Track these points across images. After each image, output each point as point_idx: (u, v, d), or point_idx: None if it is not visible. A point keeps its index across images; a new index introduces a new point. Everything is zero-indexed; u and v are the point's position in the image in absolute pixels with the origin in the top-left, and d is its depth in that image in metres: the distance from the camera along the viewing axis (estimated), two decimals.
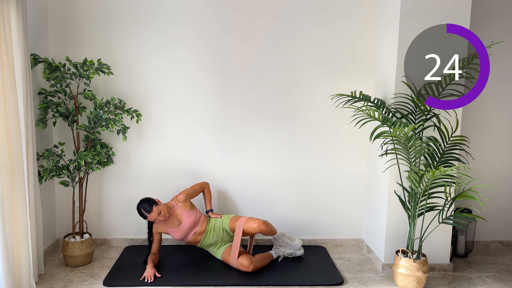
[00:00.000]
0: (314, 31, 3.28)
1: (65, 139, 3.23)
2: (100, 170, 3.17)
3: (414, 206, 2.72)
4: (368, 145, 3.38)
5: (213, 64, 3.28)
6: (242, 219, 2.99)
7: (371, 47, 3.31)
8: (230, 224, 3.01)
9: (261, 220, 2.94)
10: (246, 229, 2.93)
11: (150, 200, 2.88)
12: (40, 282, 2.74)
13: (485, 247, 3.55)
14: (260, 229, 2.91)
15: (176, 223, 2.98)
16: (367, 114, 2.69)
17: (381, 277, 2.94)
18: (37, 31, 3.02)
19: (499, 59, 3.32)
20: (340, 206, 3.50)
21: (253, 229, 2.92)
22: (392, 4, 2.93)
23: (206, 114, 3.34)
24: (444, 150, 2.76)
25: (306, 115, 3.38)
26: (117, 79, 3.24)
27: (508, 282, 2.90)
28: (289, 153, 3.42)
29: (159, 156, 3.35)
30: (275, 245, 3.20)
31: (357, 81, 3.34)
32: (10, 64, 2.38)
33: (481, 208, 3.37)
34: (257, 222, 2.92)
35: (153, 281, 2.75)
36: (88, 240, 3.01)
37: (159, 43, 3.23)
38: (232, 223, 3.00)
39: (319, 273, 2.93)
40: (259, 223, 2.92)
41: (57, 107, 2.90)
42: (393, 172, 2.94)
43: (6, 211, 2.38)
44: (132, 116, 3.07)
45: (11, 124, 2.40)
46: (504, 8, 3.33)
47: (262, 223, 2.92)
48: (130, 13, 3.20)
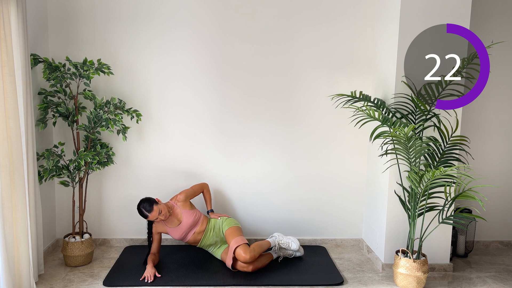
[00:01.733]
0: (314, 31, 3.28)
1: (65, 139, 3.23)
2: (100, 170, 3.17)
3: (414, 206, 2.72)
4: (368, 145, 3.38)
5: (213, 64, 3.28)
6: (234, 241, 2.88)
7: (371, 47, 3.31)
8: (226, 236, 2.99)
9: (250, 254, 2.81)
10: (237, 255, 2.83)
11: (150, 200, 2.88)
12: (40, 282, 2.74)
13: (485, 247, 3.55)
14: (247, 260, 2.80)
15: (176, 222, 2.98)
16: (367, 114, 2.69)
17: (381, 277, 2.94)
18: (37, 31, 3.02)
19: (499, 59, 3.32)
20: (340, 206, 3.50)
21: (241, 258, 2.80)
22: (392, 4, 2.93)
23: (206, 114, 3.34)
24: (444, 150, 2.76)
25: (306, 115, 3.38)
26: (117, 79, 3.24)
27: (508, 282, 2.90)
28: (289, 153, 3.42)
29: (159, 156, 3.35)
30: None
31: (357, 81, 3.34)
32: (10, 64, 2.38)
33: (481, 208, 3.37)
34: (248, 254, 2.78)
35: (153, 281, 2.75)
36: (88, 240, 3.01)
37: (159, 43, 3.23)
38: (227, 237, 2.96)
39: (319, 273, 2.92)
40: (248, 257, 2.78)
41: (57, 107, 2.90)
42: (393, 172, 2.94)
43: (6, 211, 2.38)
44: (132, 116, 3.07)
45: (11, 124, 2.40)
46: (504, 8, 3.33)
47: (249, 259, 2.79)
48: (130, 13, 3.20)
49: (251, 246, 2.88)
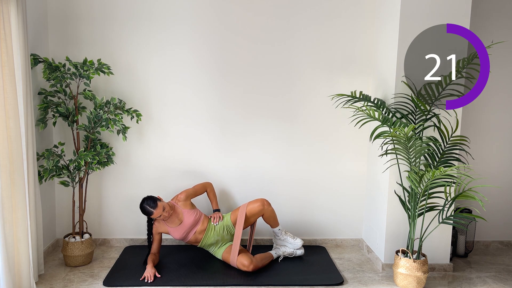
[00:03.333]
0: (314, 31, 3.28)
1: (65, 139, 3.23)
2: (100, 170, 3.16)
3: (414, 206, 2.72)
4: (368, 145, 3.38)
5: (213, 64, 3.28)
6: (243, 205, 3.02)
7: (371, 47, 3.31)
8: (232, 217, 3.02)
9: (262, 199, 2.98)
10: (249, 211, 2.94)
11: (153, 197, 2.89)
12: (40, 282, 2.74)
13: (485, 247, 3.55)
14: (263, 207, 2.95)
15: (177, 222, 2.98)
16: (367, 114, 2.69)
17: (381, 277, 2.94)
18: (37, 31, 3.02)
19: (499, 59, 3.32)
20: (340, 206, 3.50)
21: (255, 209, 2.95)
22: (392, 4, 2.93)
23: (206, 113, 3.34)
24: (444, 150, 2.76)
25: (306, 115, 3.38)
26: (117, 79, 3.24)
27: (508, 282, 2.90)
28: (289, 153, 3.42)
29: (159, 156, 3.35)
30: (276, 243, 3.20)
31: (357, 81, 3.34)
32: (10, 64, 2.38)
33: (481, 208, 3.37)
34: (259, 201, 2.95)
35: (153, 281, 2.75)
36: (88, 240, 3.01)
37: (159, 43, 3.23)
38: (233, 215, 3.02)
39: (319, 273, 2.93)
40: (261, 201, 2.95)
41: (57, 107, 2.90)
42: (393, 172, 2.94)
43: (6, 211, 2.38)
44: (132, 116, 3.07)
45: (11, 124, 2.40)
46: (504, 8, 3.33)
47: (264, 201, 2.95)
48: (130, 13, 3.20)
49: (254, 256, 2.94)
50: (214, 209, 3.19)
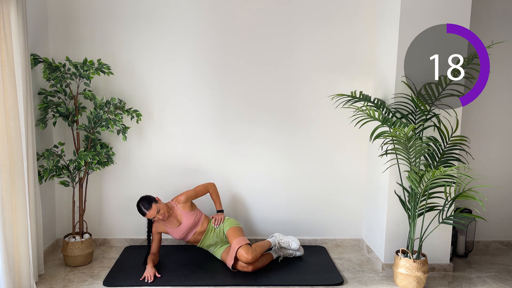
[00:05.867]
0: (314, 31, 3.28)
1: (65, 139, 3.23)
2: (100, 170, 3.17)
3: (414, 206, 2.72)
4: (368, 145, 3.38)
5: (214, 64, 3.28)
6: (236, 242, 2.87)
7: (371, 47, 3.31)
8: (227, 236, 2.99)
9: (253, 255, 2.80)
10: (238, 256, 2.83)
11: (149, 198, 2.88)
12: (40, 282, 2.74)
13: (485, 247, 3.55)
14: (247, 264, 2.83)
15: (176, 223, 2.98)
16: (367, 114, 2.69)
17: (381, 277, 2.94)
18: (37, 31, 3.02)
19: (499, 59, 3.32)
20: (340, 206, 3.50)
21: (243, 259, 2.81)
22: (392, 4, 2.93)
23: (206, 114, 3.34)
24: (444, 150, 2.76)
25: (306, 115, 3.38)
26: (117, 79, 3.24)
27: (508, 282, 2.90)
28: (289, 153, 3.42)
29: (159, 156, 3.35)
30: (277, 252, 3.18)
31: (357, 81, 3.34)
32: (10, 64, 2.38)
33: (481, 208, 3.37)
34: (249, 259, 2.79)
35: (153, 281, 2.75)
36: (88, 240, 3.01)
37: (159, 43, 3.23)
38: (229, 237, 2.97)
39: (319, 273, 2.92)
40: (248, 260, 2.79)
41: (57, 107, 2.90)
42: (393, 172, 2.94)
43: (6, 211, 2.38)
44: (132, 116, 3.07)
45: (11, 124, 2.40)
46: (504, 8, 3.32)
47: (252, 260, 2.79)
48: (130, 13, 3.20)
49: (252, 246, 2.88)
50: (218, 210, 3.17)
